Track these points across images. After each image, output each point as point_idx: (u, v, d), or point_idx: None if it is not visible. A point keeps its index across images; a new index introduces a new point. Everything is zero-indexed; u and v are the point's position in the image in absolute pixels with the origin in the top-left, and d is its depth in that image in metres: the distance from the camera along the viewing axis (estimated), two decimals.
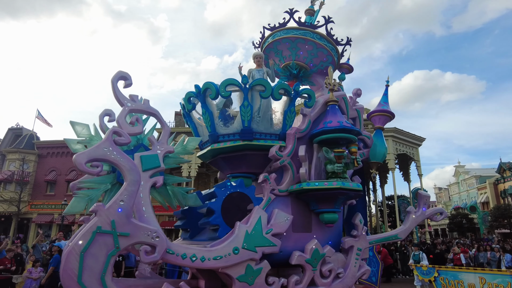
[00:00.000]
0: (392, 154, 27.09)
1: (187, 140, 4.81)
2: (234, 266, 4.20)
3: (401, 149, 28.17)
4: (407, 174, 32.13)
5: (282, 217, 4.64)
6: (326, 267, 4.76)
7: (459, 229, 46.90)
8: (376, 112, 5.99)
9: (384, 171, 33.37)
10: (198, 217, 5.03)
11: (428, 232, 34.72)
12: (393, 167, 27.43)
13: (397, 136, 27.70)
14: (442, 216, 5.58)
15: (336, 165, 4.72)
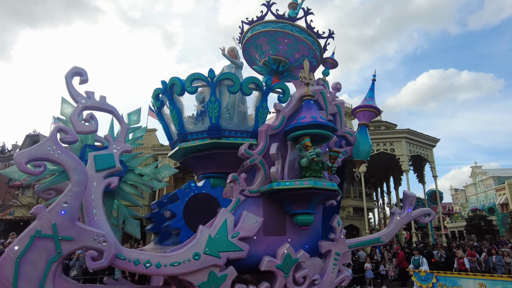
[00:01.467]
0: (405, 156, 26.66)
1: (161, 166, 4.59)
2: (195, 273, 3.92)
3: (414, 150, 27.69)
4: (421, 176, 31.52)
5: (251, 219, 4.35)
6: (300, 273, 4.43)
7: (477, 231, 45.49)
8: (360, 107, 5.64)
9: (398, 173, 32.74)
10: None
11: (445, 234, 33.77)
12: (407, 169, 26.93)
13: (411, 137, 27.30)
14: (430, 217, 5.17)
15: (308, 152, 4.35)
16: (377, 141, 28.48)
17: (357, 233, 32.77)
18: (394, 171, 33.05)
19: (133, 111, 4.70)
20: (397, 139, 27.60)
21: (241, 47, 5.98)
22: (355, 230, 32.88)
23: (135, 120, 4.75)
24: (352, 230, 32.96)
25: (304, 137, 4.44)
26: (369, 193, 32.80)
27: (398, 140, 27.71)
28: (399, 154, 27.15)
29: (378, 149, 28.70)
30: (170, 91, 4.65)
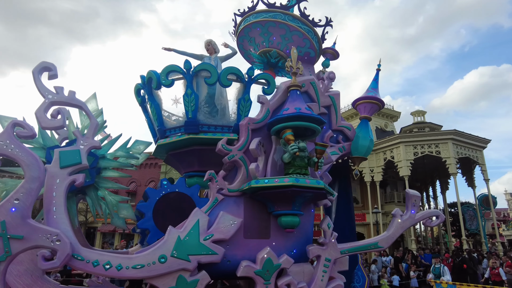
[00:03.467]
0: (452, 158, 25.04)
1: (132, 143, 4.39)
2: (161, 277, 3.66)
3: (462, 152, 25.99)
4: (471, 179, 29.47)
5: (227, 220, 4.02)
6: (283, 280, 4.02)
7: None
8: (362, 99, 5.14)
9: (444, 176, 30.80)
10: None
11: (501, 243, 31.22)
12: (454, 172, 25.27)
13: (458, 138, 25.72)
14: (438, 220, 4.54)
15: (290, 146, 3.96)
16: (422, 143, 26.98)
17: (401, 240, 31.12)
18: (440, 174, 31.09)
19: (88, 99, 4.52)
20: (443, 140, 25.97)
21: (236, 41, 5.70)
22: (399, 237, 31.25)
23: None
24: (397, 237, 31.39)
25: (286, 130, 4.05)
26: None
27: (444, 142, 26.05)
28: (445, 157, 25.49)
29: (423, 152, 27.17)
30: (149, 86, 4.46)
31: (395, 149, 28.64)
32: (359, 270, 5.31)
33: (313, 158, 4.16)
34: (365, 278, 5.36)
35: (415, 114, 34.80)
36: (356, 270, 5.26)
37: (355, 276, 5.24)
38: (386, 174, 30.42)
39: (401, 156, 28.16)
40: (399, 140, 28.10)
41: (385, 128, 33.74)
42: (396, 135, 29.49)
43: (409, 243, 29.42)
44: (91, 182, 4.04)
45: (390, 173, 31.04)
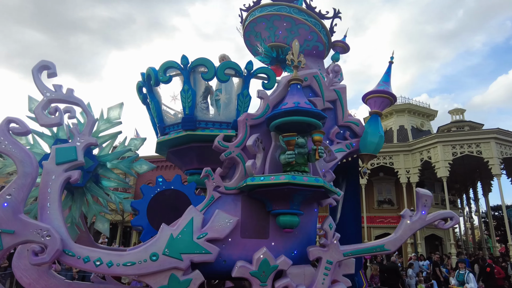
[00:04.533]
0: (496, 159, 23.72)
1: (137, 161, 4.40)
2: (153, 275, 3.61)
3: (507, 152, 24.53)
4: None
5: (223, 219, 3.91)
6: (280, 282, 3.86)
7: None
8: (372, 93, 4.86)
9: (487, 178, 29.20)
10: None
11: None
12: (498, 173, 23.94)
13: (502, 137, 24.37)
14: (452, 222, 4.20)
15: (286, 153, 3.83)
16: (461, 143, 25.72)
17: (440, 244, 29.77)
18: (482, 175, 29.49)
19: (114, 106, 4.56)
20: (485, 140, 24.64)
21: (243, 37, 5.59)
22: (438, 241, 29.91)
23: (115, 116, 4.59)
24: (435, 241, 30.05)
25: (288, 135, 3.87)
26: (452, 200, 29.69)
27: (486, 141, 24.71)
28: (487, 157, 24.18)
29: (462, 152, 25.90)
30: (148, 83, 4.44)
31: (432, 149, 27.46)
32: (358, 275, 5.02)
33: (312, 147, 3.96)
34: (362, 283, 5.07)
35: (453, 112, 33.23)
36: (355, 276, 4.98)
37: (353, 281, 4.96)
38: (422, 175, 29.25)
39: (438, 156, 26.96)
40: (436, 139, 26.91)
41: (421, 128, 32.43)
42: (433, 134, 28.27)
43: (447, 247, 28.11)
44: (81, 185, 4.07)
45: (427, 174, 29.80)
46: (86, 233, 4.76)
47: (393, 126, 33.00)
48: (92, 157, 4.17)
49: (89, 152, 4.16)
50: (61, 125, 3.99)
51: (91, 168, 4.10)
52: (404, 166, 28.94)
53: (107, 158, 4.24)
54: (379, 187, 31.83)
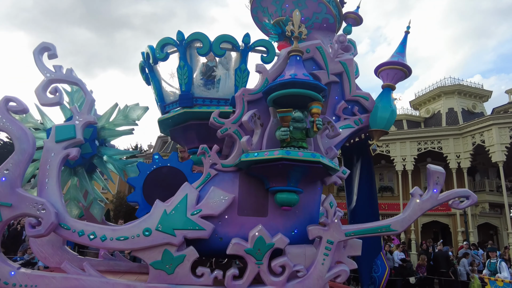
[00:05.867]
0: None
1: (129, 108, 4.38)
2: (146, 250, 3.63)
3: None
4: None
5: (217, 196, 3.84)
6: (277, 261, 3.73)
7: None
8: (385, 65, 4.51)
9: None
10: None
11: None
12: None
13: None
14: (469, 201, 3.80)
15: (280, 129, 3.68)
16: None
17: (495, 233, 27.94)
18: None
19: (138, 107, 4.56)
20: None
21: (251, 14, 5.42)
22: (493, 230, 28.07)
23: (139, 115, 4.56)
24: (489, 230, 28.23)
25: (283, 110, 3.70)
26: (510, 187, 27.60)
27: None
28: None
29: None
30: (148, 62, 4.43)
31: (486, 132, 25.63)
32: (380, 259, 4.74)
33: (310, 119, 3.76)
34: (385, 267, 4.77)
35: (510, 92, 30.71)
36: (376, 259, 4.71)
37: (374, 265, 4.70)
38: (475, 160, 27.46)
39: (493, 139, 25.13)
40: (491, 121, 25.05)
41: (473, 110, 30.32)
42: (488, 116, 26.32)
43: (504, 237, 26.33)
44: (94, 153, 4.17)
45: (480, 159, 27.95)
46: None
47: (442, 109, 31.18)
48: (94, 146, 4.24)
49: (93, 141, 4.24)
50: (61, 105, 4.08)
51: (94, 135, 4.19)
52: (454, 151, 27.32)
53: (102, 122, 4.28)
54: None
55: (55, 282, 3.49)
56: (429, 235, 29.51)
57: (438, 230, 29.37)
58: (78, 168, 4.28)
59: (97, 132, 4.29)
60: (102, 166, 4.34)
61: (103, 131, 4.27)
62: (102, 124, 4.31)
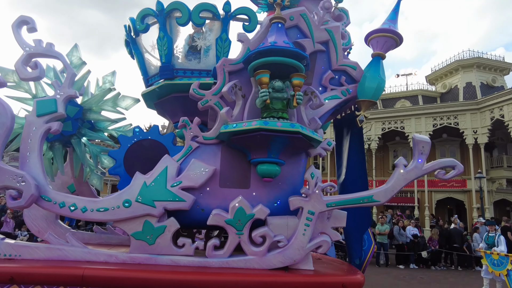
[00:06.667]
0: None
1: (121, 97, 4.38)
2: (127, 221, 3.68)
3: None
4: None
5: (198, 168, 3.83)
6: (257, 231, 3.73)
7: None
8: (375, 32, 4.33)
9: None
10: None
11: None
12: None
13: None
14: (455, 172, 3.67)
15: (260, 91, 3.57)
16: None
17: (510, 209, 27.45)
18: None
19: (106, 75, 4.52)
20: None
21: None
22: (509, 206, 27.61)
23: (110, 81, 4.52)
24: (506, 206, 27.81)
25: (261, 71, 3.62)
26: None
27: None
28: None
29: None
30: (130, 35, 4.37)
31: (505, 107, 24.88)
32: (367, 234, 4.69)
33: (290, 92, 3.67)
34: (371, 242, 4.73)
35: None
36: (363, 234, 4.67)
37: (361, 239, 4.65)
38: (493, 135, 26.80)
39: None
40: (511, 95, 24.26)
41: (492, 84, 29.33)
42: (508, 89, 25.45)
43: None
44: (73, 132, 4.18)
45: (498, 134, 27.26)
46: (87, 186, 4.97)
47: (459, 83, 30.29)
48: (76, 104, 4.24)
49: (76, 120, 4.24)
50: (41, 79, 4.08)
51: (78, 115, 4.20)
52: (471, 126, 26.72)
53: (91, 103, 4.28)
54: (442, 149, 29.84)
55: (38, 252, 3.59)
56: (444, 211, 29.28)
57: (453, 207, 29.08)
58: (55, 143, 4.31)
59: (84, 113, 4.30)
60: (78, 148, 4.34)
61: (90, 113, 4.27)
62: (90, 106, 4.30)
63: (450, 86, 31.47)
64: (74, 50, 4.29)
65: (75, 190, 4.98)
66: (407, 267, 18.55)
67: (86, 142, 4.33)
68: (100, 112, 4.34)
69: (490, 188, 26.55)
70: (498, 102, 24.97)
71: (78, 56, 4.27)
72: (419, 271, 17.72)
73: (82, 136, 4.29)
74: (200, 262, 3.71)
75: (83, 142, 4.31)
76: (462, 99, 28.86)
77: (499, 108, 25.07)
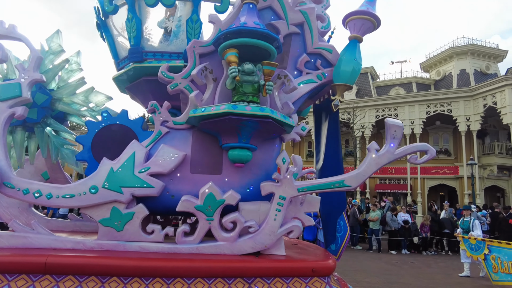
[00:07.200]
0: None
1: (94, 92, 4.25)
2: (94, 208, 3.60)
3: None
4: None
5: (167, 153, 3.75)
6: (228, 217, 3.67)
7: None
8: (352, 15, 4.22)
9: None
10: None
11: None
12: None
13: None
14: (427, 156, 3.61)
15: (229, 69, 3.46)
16: None
17: (502, 196, 27.72)
18: None
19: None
20: None
21: None
22: (500, 192, 27.84)
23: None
24: (496, 192, 28.01)
25: (228, 50, 3.52)
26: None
27: None
28: None
29: None
30: (99, 17, 4.23)
31: (498, 94, 24.88)
32: (342, 219, 4.65)
33: (260, 81, 3.59)
34: (346, 228, 4.69)
35: None
36: (339, 220, 4.62)
37: (337, 225, 4.61)
38: (485, 122, 26.84)
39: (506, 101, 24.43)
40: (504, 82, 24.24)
41: (486, 71, 29.24)
42: (501, 76, 25.42)
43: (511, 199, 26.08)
44: (37, 121, 4.06)
45: (490, 122, 27.31)
46: (61, 174, 4.88)
47: (453, 70, 30.19)
48: (45, 92, 4.13)
49: (41, 87, 4.12)
50: (4, 62, 3.95)
51: (46, 103, 4.08)
52: (464, 113, 26.75)
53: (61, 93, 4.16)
54: (435, 136, 29.89)
55: (2, 240, 3.51)
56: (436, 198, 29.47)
57: (445, 193, 29.27)
58: (17, 128, 4.19)
59: (53, 103, 4.17)
60: (40, 138, 4.22)
61: (59, 103, 4.15)
62: (60, 96, 4.17)
63: (444, 73, 31.37)
64: (55, 36, 4.14)
65: (49, 177, 4.88)
66: (399, 252, 18.73)
67: (49, 133, 4.21)
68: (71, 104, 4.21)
69: (481, 175, 26.71)
70: (491, 89, 24.95)
71: (58, 43, 4.12)
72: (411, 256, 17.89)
73: (46, 126, 4.17)
74: (170, 248, 3.65)
75: (47, 133, 4.19)
76: (456, 86, 28.81)
77: (492, 95, 25.07)
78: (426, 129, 29.34)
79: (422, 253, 19.15)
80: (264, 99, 3.81)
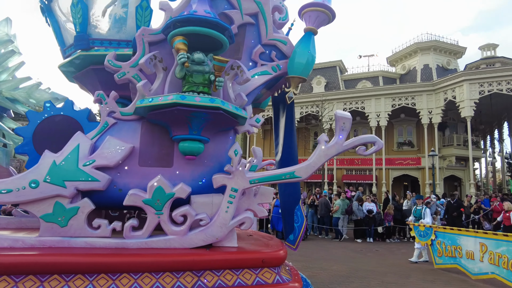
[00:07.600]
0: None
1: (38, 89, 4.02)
2: (35, 203, 3.42)
3: None
4: None
5: (113, 146, 3.60)
6: (178, 211, 3.59)
7: None
8: (307, 6, 4.18)
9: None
10: None
11: None
12: None
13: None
14: (374, 148, 3.67)
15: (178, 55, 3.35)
16: (490, 81, 24.00)
17: (459, 185, 28.96)
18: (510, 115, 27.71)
19: None
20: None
21: None
22: (457, 181, 29.08)
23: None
24: (454, 181, 29.23)
25: (177, 38, 3.40)
26: (475, 141, 28.32)
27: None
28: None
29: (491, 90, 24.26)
30: (43, 0, 3.99)
31: (457, 88, 25.81)
32: (299, 209, 4.68)
33: (211, 76, 3.50)
34: (303, 218, 4.73)
35: (484, 48, 30.64)
36: (296, 210, 4.65)
37: (295, 216, 4.64)
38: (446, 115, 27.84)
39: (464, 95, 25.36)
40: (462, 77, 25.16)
41: (447, 66, 30.28)
42: (460, 72, 26.38)
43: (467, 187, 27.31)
44: None
45: (450, 115, 28.36)
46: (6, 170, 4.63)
47: (417, 65, 31.06)
48: None
49: None
50: None
51: None
52: (426, 107, 27.62)
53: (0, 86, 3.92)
54: (400, 128, 30.75)
55: None
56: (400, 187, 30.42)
57: (408, 183, 30.26)
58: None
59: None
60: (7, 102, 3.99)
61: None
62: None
63: (409, 67, 32.21)
64: (3, 24, 3.87)
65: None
66: (364, 240, 19.19)
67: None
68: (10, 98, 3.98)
69: (441, 165, 27.77)
70: (451, 84, 25.85)
71: (5, 32, 3.85)
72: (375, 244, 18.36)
73: None
74: (117, 243, 3.54)
75: None
76: (420, 80, 29.65)
77: (451, 90, 25.97)
78: (391, 122, 30.09)
79: (386, 240, 19.72)
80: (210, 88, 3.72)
